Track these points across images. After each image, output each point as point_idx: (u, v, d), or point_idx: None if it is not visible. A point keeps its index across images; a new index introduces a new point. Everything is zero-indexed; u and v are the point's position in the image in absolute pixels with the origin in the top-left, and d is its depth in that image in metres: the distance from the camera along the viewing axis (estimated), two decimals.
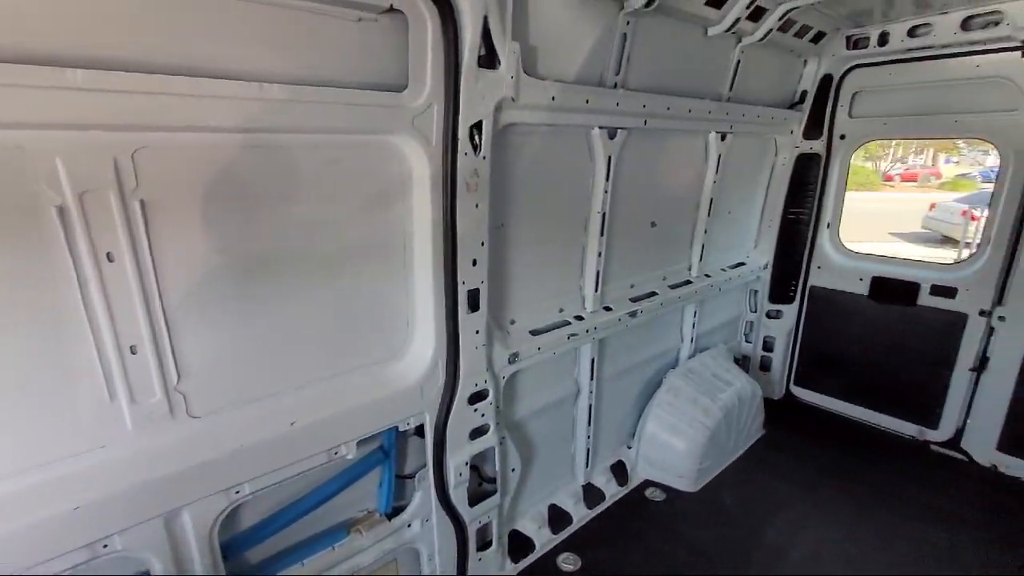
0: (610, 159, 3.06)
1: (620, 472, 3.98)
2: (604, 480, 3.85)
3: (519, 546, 3.31)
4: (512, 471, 3.11)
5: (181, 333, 1.80)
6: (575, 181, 3.09)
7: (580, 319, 3.26)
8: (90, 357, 1.64)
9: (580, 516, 3.58)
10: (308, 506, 2.29)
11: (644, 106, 3.06)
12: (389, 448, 2.52)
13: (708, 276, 4.32)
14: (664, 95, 3.21)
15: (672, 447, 3.93)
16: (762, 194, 4.88)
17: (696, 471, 3.89)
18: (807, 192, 4.78)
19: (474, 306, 2.52)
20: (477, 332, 2.57)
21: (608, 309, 3.45)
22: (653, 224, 3.75)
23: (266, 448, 1.99)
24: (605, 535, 3.50)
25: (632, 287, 3.72)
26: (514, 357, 2.84)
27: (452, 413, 2.57)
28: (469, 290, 2.47)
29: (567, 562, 3.28)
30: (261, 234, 1.92)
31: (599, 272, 3.30)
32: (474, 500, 2.86)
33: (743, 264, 4.78)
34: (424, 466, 2.65)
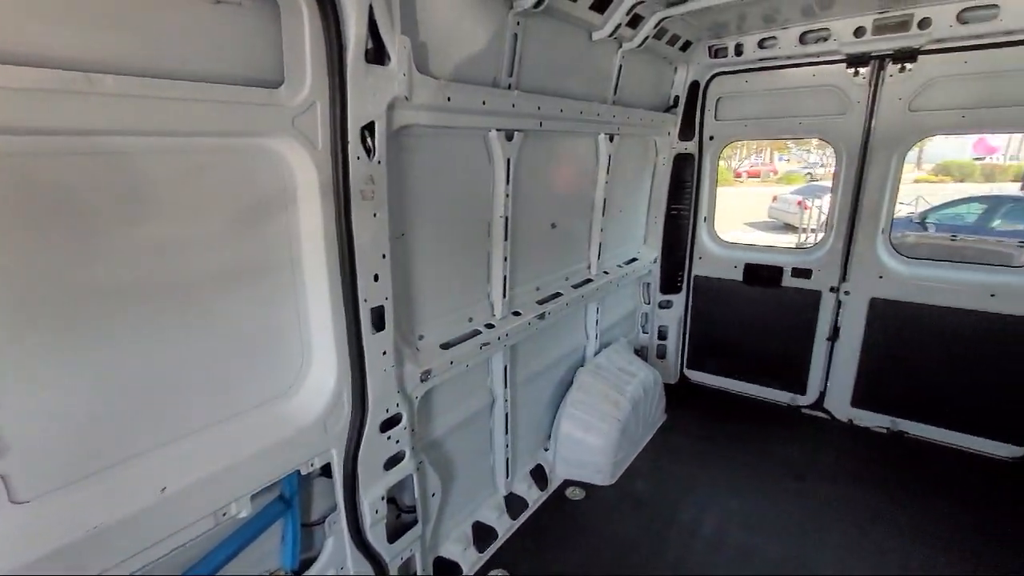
0: (509, 162, 2.99)
1: (540, 476, 3.95)
2: (525, 487, 3.79)
3: (446, 572, 3.12)
4: (432, 496, 2.92)
5: None
6: (476, 185, 2.98)
7: (491, 327, 3.16)
8: None
9: (505, 529, 3.48)
10: None
11: (539, 108, 3.05)
12: (291, 496, 2.20)
13: (607, 273, 4.46)
14: (557, 97, 3.23)
15: (588, 444, 3.98)
16: (647, 192, 5.18)
17: (612, 464, 3.99)
18: (685, 189, 5.16)
19: (379, 325, 2.30)
20: (384, 353, 2.35)
21: (517, 314, 3.39)
22: (553, 226, 3.77)
23: (129, 525, 1.61)
24: (532, 544, 3.44)
25: (538, 289, 3.70)
26: (426, 375, 2.66)
27: (363, 445, 2.32)
28: (372, 308, 2.24)
29: None
30: (101, 261, 1.54)
31: (506, 277, 3.23)
32: (394, 535, 2.63)
33: (636, 260, 5.03)
34: (334, 508, 2.36)
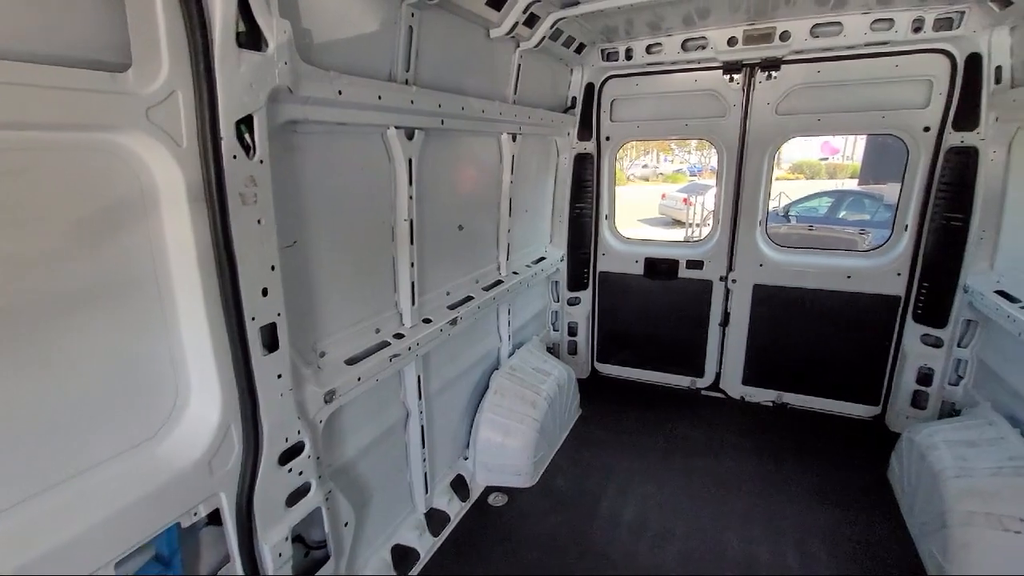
0: (411, 162, 2.83)
1: (461, 486, 3.83)
2: (446, 500, 3.64)
3: None
4: (345, 525, 2.67)
5: None
6: (377, 187, 2.78)
7: (400, 337, 2.98)
8: None
9: (427, 548, 3.31)
10: None
11: (440, 105, 2.92)
12: (171, 554, 1.87)
13: (516, 274, 4.44)
14: (458, 95, 3.12)
15: (507, 448, 3.93)
16: (551, 192, 5.26)
17: (532, 465, 3.97)
18: (586, 188, 5.31)
19: (272, 345, 2.04)
20: (280, 376, 2.09)
21: (428, 321, 3.24)
22: (461, 228, 3.66)
23: None
24: (456, 559, 3.30)
25: (448, 294, 3.57)
26: (330, 395, 2.42)
27: (259, 483, 2.04)
28: (262, 327, 1.98)
29: None
30: None
31: (414, 284, 3.06)
32: None
33: (544, 258, 5.07)
34: (227, 560, 2.06)
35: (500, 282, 4.16)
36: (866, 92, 4.15)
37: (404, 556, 3.19)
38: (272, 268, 1.99)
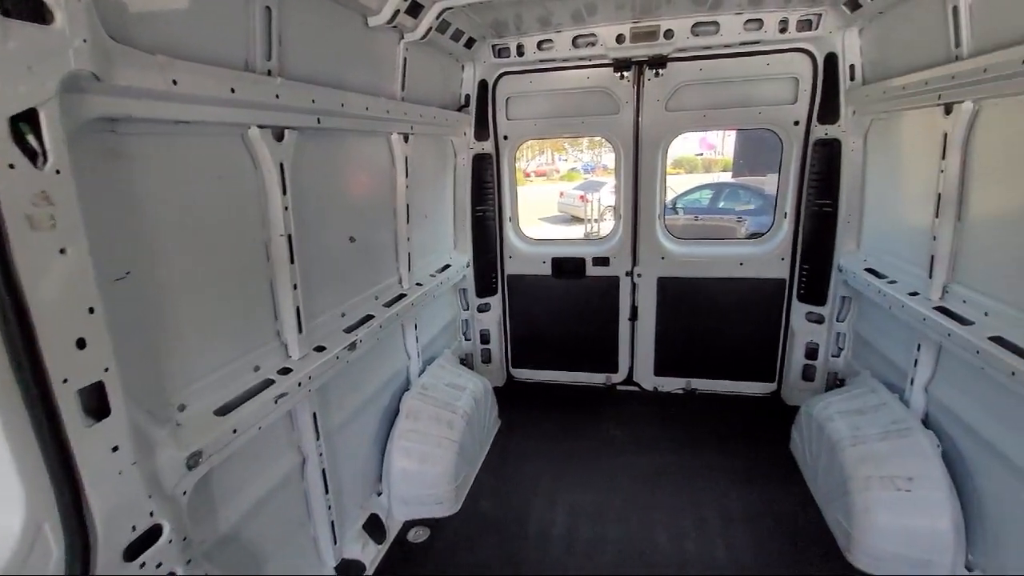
0: (282, 167, 2.41)
1: (376, 528, 3.42)
2: (359, 547, 3.23)
3: None
4: None
5: None
6: (241, 198, 2.33)
7: (286, 372, 2.54)
8: None
9: None
10: None
11: (314, 101, 2.53)
12: None
13: (420, 285, 4.11)
14: (337, 90, 2.74)
15: (425, 476, 3.60)
16: (451, 195, 4.99)
17: (454, 491, 3.67)
18: (487, 190, 5.11)
19: (99, 410, 1.56)
20: (116, 448, 1.61)
21: (321, 349, 2.82)
22: (352, 239, 3.27)
23: None
24: None
25: (344, 316, 3.17)
26: (196, 458, 1.95)
27: None
28: (81, 389, 1.50)
29: None
30: None
31: (299, 308, 2.63)
32: None
33: (449, 266, 4.79)
34: None
35: (403, 296, 3.81)
36: (744, 89, 4.39)
37: None
38: (91, 311, 1.51)
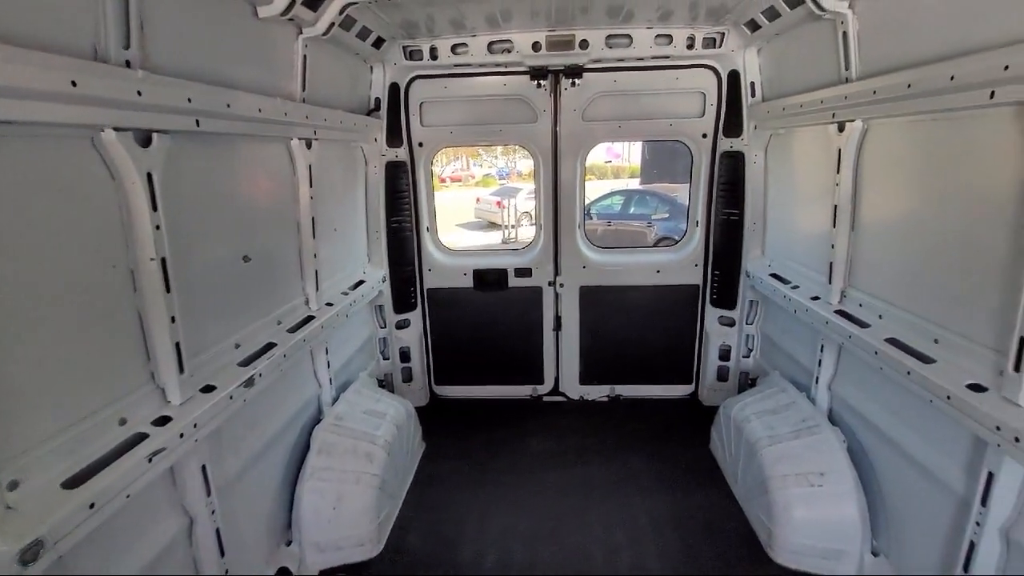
0: (151, 177, 2.01)
1: None
2: None
3: None
4: None
5: None
6: (96, 217, 1.90)
7: (164, 422, 2.12)
8: None
9: None
10: None
11: (191, 100, 2.14)
12: None
13: (331, 305, 3.74)
14: (221, 88, 2.36)
15: (342, 517, 3.24)
16: (363, 206, 4.64)
17: (376, 530, 3.35)
18: (402, 199, 4.82)
19: None
20: None
21: (210, 389, 2.41)
22: (247, 259, 2.86)
23: None
24: None
25: (239, 347, 2.76)
26: (35, 548, 1.52)
27: None
28: None
29: None
30: None
31: (179, 345, 2.22)
32: None
33: (363, 282, 4.43)
34: None
35: (311, 318, 3.43)
36: (656, 101, 4.51)
37: None
38: None
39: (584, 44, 4.14)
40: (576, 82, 4.42)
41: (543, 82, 4.45)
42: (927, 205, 2.57)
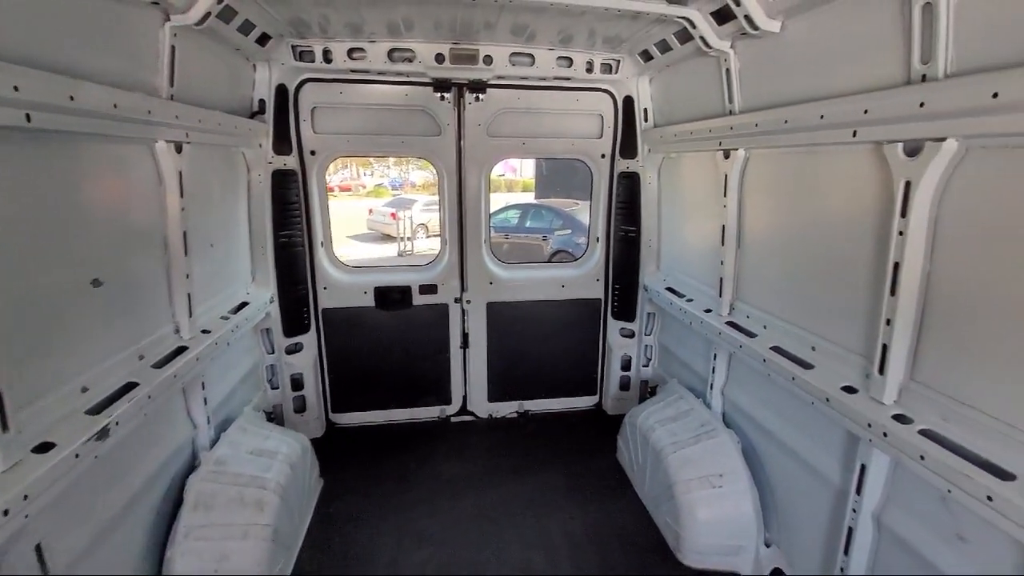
0: None
1: None
2: None
3: None
4: None
5: None
6: None
7: None
8: None
9: None
10: None
11: (17, 88, 1.70)
12: None
13: (207, 332, 3.25)
14: (63, 76, 1.92)
15: None
16: (245, 218, 4.13)
17: None
18: (292, 212, 4.39)
19: None
20: None
21: (47, 447, 1.92)
22: (97, 283, 2.36)
23: None
24: None
25: (87, 391, 2.25)
26: None
27: None
28: None
29: None
30: None
31: (1, 395, 1.73)
32: None
33: (247, 304, 3.93)
34: None
35: (183, 349, 2.94)
36: (559, 121, 4.62)
37: None
38: None
39: (488, 60, 4.11)
40: (480, 97, 4.37)
41: (447, 95, 4.34)
42: (801, 227, 2.88)
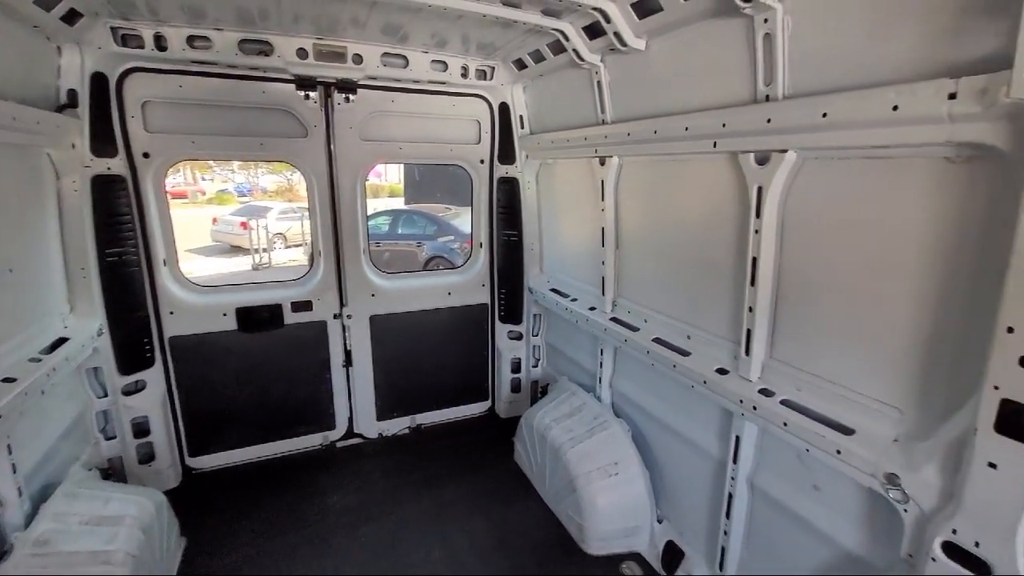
0: None
1: None
2: None
3: None
4: None
5: None
6: None
7: None
8: None
9: None
10: None
11: None
12: None
13: (10, 380, 2.57)
14: None
15: None
16: (56, 234, 3.35)
17: None
18: (122, 225, 3.67)
19: None
20: None
21: None
22: None
23: None
24: None
25: None
26: None
27: None
28: None
29: None
30: None
31: None
32: None
33: (64, 340, 3.19)
34: None
35: None
36: (436, 125, 4.52)
37: None
38: None
39: (358, 59, 3.86)
40: (351, 98, 4.09)
41: (312, 94, 3.98)
42: (674, 228, 3.17)
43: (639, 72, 3.07)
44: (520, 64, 4.05)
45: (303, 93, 3.94)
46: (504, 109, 4.56)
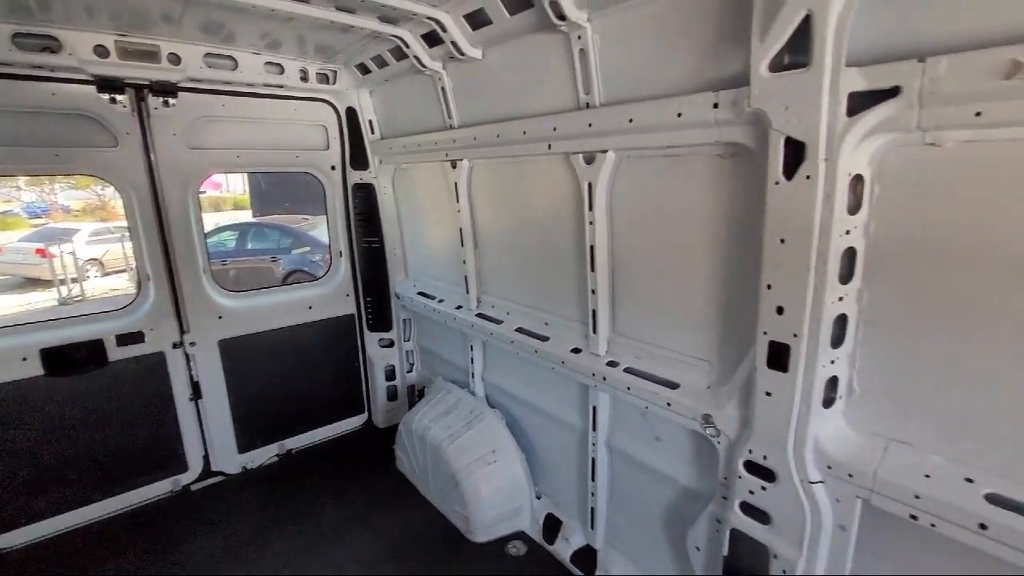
0: None
1: None
2: None
3: None
4: None
5: None
6: None
7: None
8: None
9: None
10: None
11: None
12: None
13: None
14: None
15: None
16: None
17: None
18: None
19: None
20: None
21: None
22: None
23: None
24: None
25: None
26: None
27: None
28: None
29: None
30: None
31: None
32: None
33: None
34: None
35: None
36: (279, 131, 4.25)
37: None
38: None
39: (175, 59, 3.49)
40: (170, 102, 3.68)
41: (119, 97, 3.50)
42: (523, 224, 3.41)
43: (480, 79, 3.25)
44: (364, 69, 4.00)
45: (107, 96, 3.45)
46: (352, 114, 4.46)
